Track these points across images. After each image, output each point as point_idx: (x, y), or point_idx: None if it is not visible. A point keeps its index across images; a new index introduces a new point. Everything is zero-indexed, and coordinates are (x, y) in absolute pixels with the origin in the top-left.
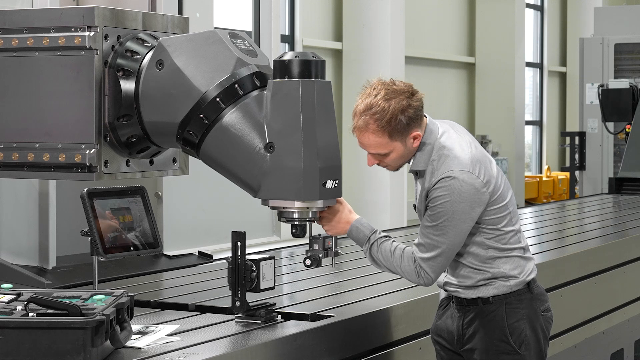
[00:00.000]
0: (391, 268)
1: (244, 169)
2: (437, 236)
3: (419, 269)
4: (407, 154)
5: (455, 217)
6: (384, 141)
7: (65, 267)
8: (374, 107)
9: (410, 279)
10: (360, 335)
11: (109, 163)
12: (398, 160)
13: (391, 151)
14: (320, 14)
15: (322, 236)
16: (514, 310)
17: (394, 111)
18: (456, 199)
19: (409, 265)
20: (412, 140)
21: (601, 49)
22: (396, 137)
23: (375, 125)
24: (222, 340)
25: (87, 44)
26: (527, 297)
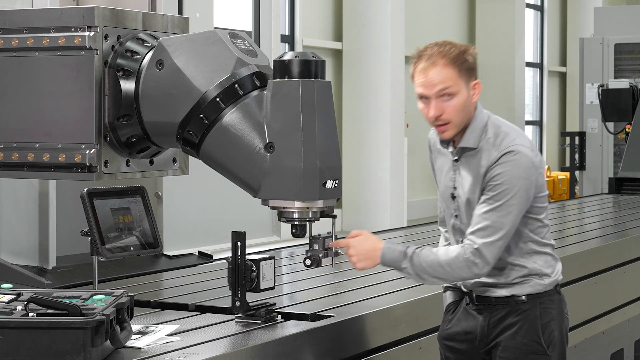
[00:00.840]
0: (440, 274)
1: (244, 169)
2: (501, 217)
3: (475, 258)
4: (468, 107)
5: (519, 195)
6: (453, 75)
7: (65, 267)
8: (441, 47)
9: (464, 275)
10: (361, 335)
11: (109, 163)
12: (460, 111)
13: (458, 93)
14: (320, 14)
15: (322, 236)
16: (546, 310)
17: (461, 49)
18: (521, 175)
19: (458, 260)
20: (473, 91)
21: (601, 49)
22: (463, 75)
23: (445, 59)
24: (222, 340)
25: (87, 44)
26: (557, 297)
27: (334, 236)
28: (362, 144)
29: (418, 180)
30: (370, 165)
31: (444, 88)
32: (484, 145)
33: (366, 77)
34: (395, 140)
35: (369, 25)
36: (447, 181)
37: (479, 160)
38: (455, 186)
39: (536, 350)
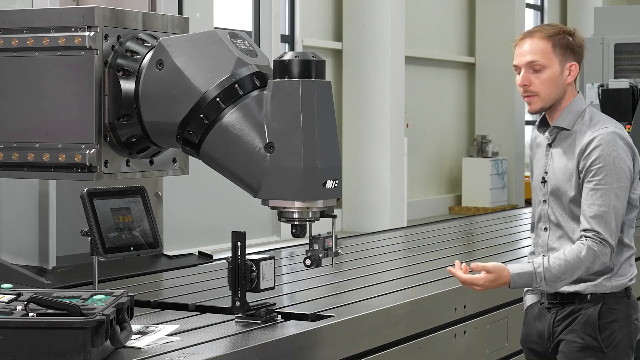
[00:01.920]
0: (577, 274)
1: (244, 169)
2: (610, 200)
3: (604, 247)
4: (560, 83)
5: (621, 174)
6: (546, 49)
7: (65, 267)
8: (545, 25)
9: (598, 267)
10: (360, 335)
11: (109, 163)
12: (550, 85)
13: (548, 67)
14: (320, 14)
15: (322, 236)
16: (610, 311)
17: (561, 29)
18: (619, 155)
19: (590, 255)
20: (568, 72)
21: (601, 49)
22: (557, 52)
23: (542, 34)
24: (222, 340)
25: (87, 44)
26: (625, 301)
27: (334, 236)
28: (362, 144)
29: (418, 180)
30: (370, 165)
31: (534, 60)
32: (580, 128)
33: (366, 77)
34: (395, 140)
35: (369, 25)
36: (539, 168)
37: (573, 142)
38: (546, 170)
39: (592, 345)
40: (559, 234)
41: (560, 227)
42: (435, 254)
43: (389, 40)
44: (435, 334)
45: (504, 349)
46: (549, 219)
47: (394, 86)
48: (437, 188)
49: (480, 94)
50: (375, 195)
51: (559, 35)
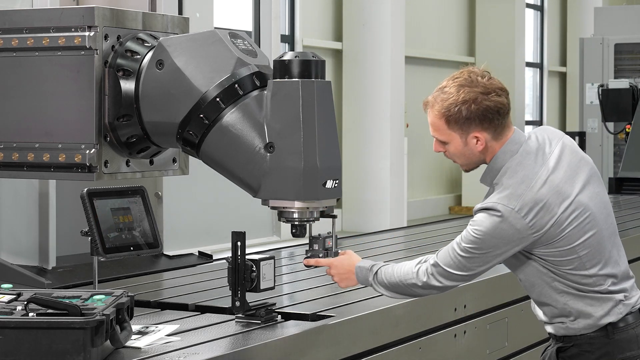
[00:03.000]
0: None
1: (244, 169)
2: (463, 259)
3: (429, 275)
4: (469, 154)
5: (485, 250)
6: (441, 126)
7: (65, 267)
8: (445, 89)
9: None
10: (360, 335)
11: (109, 163)
12: (459, 155)
13: (449, 142)
14: (320, 14)
15: (322, 236)
16: (581, 353)
17: (456, 100)
18: (490, 234)
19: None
20: (475, 141)
21: (601, 49)
22: (453, 127)
23: (438, 107)
24: (222, 340)
25: (87, 44)
26: (601, 342)
27: (334, 236)
28: (362, 144)
29: (418, 180)
30: (370, 165)
31: (434, 136)
32: (490, 189)
33: (366, 77)
34: (395, 140)
35: (369, 25)
36: None
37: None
38: None
39: None
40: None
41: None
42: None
43: (389, 40)
44: (435, 334)
45: (504, 349)
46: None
47: (394, 86)
48: (437, 188)
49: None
50: (375, 195)
51: (451, 111)
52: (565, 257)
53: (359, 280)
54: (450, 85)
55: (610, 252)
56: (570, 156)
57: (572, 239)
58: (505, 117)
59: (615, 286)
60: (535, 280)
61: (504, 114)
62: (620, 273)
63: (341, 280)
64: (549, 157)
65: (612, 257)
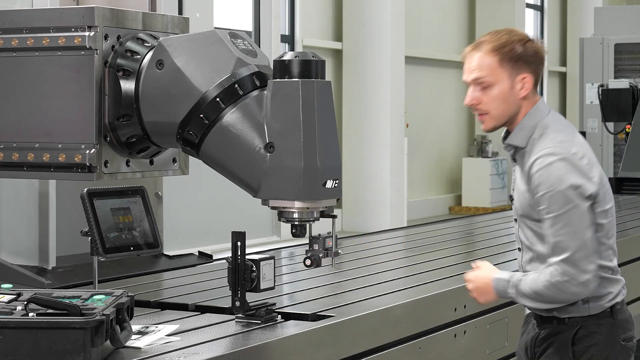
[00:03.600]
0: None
1: (244, 169)
2: (562, 228)
3: (563, 277)
4: (511, 100)
5: (570, 199)
6: (492, 64)
7: (65, 267)
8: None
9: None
10: (360, 335)
11: (109, 163)
12: (500, 102)
13: (496, 83)
14: (320, 14)
15: (322, 236)
16: (589, 335)
17: (510, 38)
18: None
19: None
20: (521, 85)
21: (601, 49)
22: (505, 66)
23: (489, 46)
24: (222, 340)
25: (87, 44)
26: (608, 322)
27: (334, 236)
28: (362, 144)
29: (418, 180)
30: (370, 165)
31: (479, 77)
32: (530, 147)
33: (366, 77)
34: (395, 140)
35: (369, 25)
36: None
37: (527, 161)
38: (513, 188)
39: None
40: (529, 256)
41: (530, 250)
42: (435, 254)
43: (389, 40)
44: (435, 334)
45: (504, 349)
46: (520, 240)
47: (394, 86)
48: (437, 188)
49: None
50: (375, 195)
51: (507, 47)
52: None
53: (497, 292)
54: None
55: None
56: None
57: (605, 201)
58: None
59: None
60: None
61: (544, 65)
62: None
63: (480, 295)
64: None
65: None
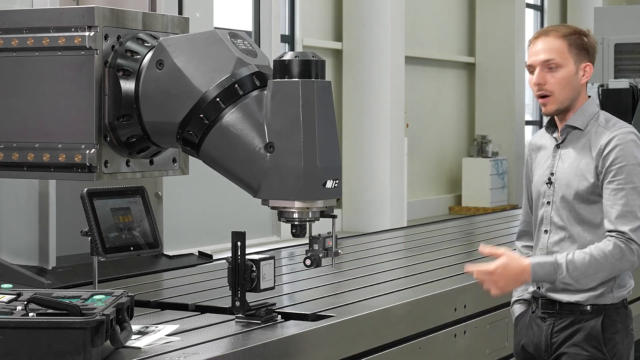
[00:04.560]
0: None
1: (244, 169)
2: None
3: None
4: (575, 84)
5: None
6: (562, 48)
7: (65, 267)
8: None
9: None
10: (360, 335)
11: (109, 163)
12: (565, 84)
13: (563, 66)
14: (320, 14)
15: (322, 236)
16: (612, 323)
17: (578, 30)
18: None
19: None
20: (583, 72)
21: (601, 49)
22: (573, 52)
23: (557, 33)
24: (222, 340)
25: (87, 44)
26: (623, 312)
27: (334, 236)
28: (362, 144)
29: (418, 180)
30: (370, 165)
31: (549, 59)
32: (595, 129)
33: (366, 77)
34: (395, 140)
35: (369, 25)
36: (543, 170)
37: (588, 142)
38: (553, 172)
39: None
40: (560, 236)
41: (564, 230)
42: (435, 254)
43: (389, 40)
44: (435, 334)
45: (504, 349)
46: (551, 221)
47: (394, 86)
48: (437, 188)
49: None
50: (375, 195)
51: (574, 35)
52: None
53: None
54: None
55: None
56: None
57: None
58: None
59: None
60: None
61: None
62: None
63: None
64: None
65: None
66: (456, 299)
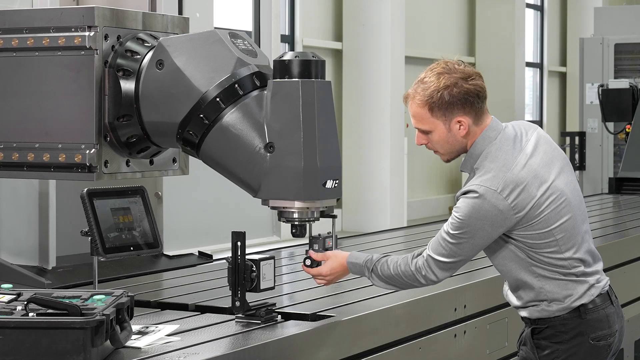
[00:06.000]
0: (394, 282)
1: (244, 169)
2: (453, 245)
3: (426, 268)
4: (453, 140)
5: (471, 233)
6: (425, 115)
7: (65, 267)
8: (425, 79)
9: (414, 283)
10: (361, 335)
11: (109, 163)
12: (442, 144)
13: (433, 130)
14: (320, 14)
15: (322, 236)
16: (557, 334)
17: (438, 86)
18: (475, 216)
19: (407, 269)
20: (458, 126)
21: (601, 49)
22: (437, 114)
23: (420, 96)
24: (222, 340)
25: (87, 44)
26: (574, 322)
27: (334, 236)
28: (362, 144)
29: (418, 180)
30: (370, 165)
31: (418, 127)
32: (471, 175)
33: (366, 77)
34: (395, 140)
35: (369, 25)
36: None
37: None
38: None
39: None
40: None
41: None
42: None
43: (389, 40)
44: (435, 334)
45: (504, 349)
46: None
47: (394, 86)
48: (437, 188)
49: None
50: (375, 195)
51: (435, 96)
52: (543, 240)
53: (353, 272)
54: (429, 75)
55: (583, 236)
56: (546, 145)
57: (549, 222)
58: (484, 102)
59: (589, 268)
60: (512, 265)
61: (483, 98)
62: (592, 257)
63: (335, 278)
64: (525, 144)
65: (584, 241)
66: (456, 299)
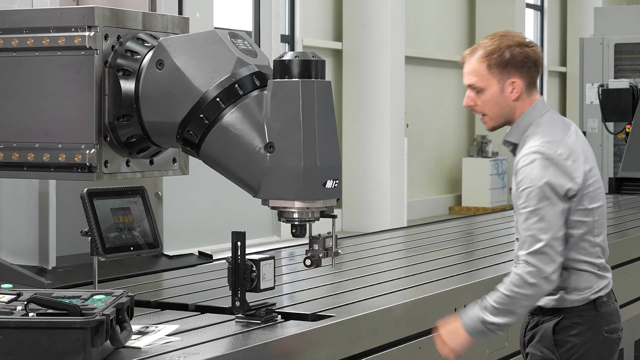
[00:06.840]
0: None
1: (244, 169)
2: (536, 223)
3: (526, 269)
4: (503, 103)
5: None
6: (482, 70)
7: (65, 267)
8: (488, 39)
9: (528, 291)
10: (361, 335)
11: (109, 163)
12: (492, 105)
13: (486, 88)
14: (320, 14)
15: (322, 236)
16: (572, 325)
17: (500, 45)
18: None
19: (515, 279)
20: (511, 89)
21: (601, 49)
22: (494, 71)
23: (480, 52)
24: (222, 340)
25: (87, 44)
26: (590, 314)
27: (334, 236)
28: (362, 144)
29: (418, 180)
30: (370, 165)
31: (471, 83)
32: (522, 144)
33: (366, 77)
34: (395, 140)
35: (369, 25)
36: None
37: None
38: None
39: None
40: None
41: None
42: (435, 254)
43: (389, 40)
44: (435, 334)
45: (504, 349)
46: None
47: (394, 86)
48: (437, 188)
49: None
50: (375, 195)
51: (495, 54)
52: (584, 218)
53: (469, 330)
54: (490, 37)
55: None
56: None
57: (591, 200)
58: (538, 71)
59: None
60: None
61: (539, 67)
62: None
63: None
64: (570, 126)
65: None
66: (456, 299)
